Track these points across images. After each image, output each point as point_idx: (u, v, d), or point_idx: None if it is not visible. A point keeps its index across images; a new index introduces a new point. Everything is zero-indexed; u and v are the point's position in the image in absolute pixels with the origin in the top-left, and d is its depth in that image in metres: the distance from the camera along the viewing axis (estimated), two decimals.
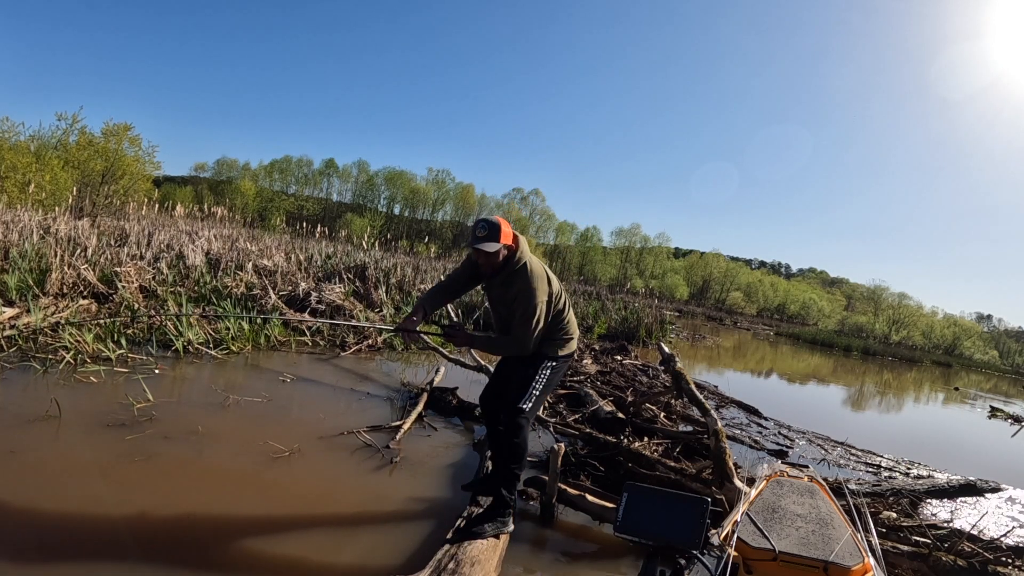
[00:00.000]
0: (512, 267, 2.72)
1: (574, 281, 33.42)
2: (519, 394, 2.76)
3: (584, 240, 61.27)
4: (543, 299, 2.70)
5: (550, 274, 2.84)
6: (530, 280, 2.69)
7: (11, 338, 4.88)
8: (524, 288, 2.68)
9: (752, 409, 7.41)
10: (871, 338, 45.67)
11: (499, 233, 2.65)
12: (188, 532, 2.58)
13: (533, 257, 2.78)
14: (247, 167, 58.22)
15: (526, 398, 2.75)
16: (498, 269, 2.75)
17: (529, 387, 2.76)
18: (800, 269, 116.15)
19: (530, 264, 2.73)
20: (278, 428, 3.97)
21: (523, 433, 2.77)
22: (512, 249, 2.73)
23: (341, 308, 8.31)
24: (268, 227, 31.74)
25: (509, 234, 2.70)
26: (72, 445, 3.24)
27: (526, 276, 2.70)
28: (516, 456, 2.78)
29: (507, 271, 2.73)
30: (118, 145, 18.87)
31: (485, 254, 2.69)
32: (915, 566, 2.98)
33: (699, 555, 1.60)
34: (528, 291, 2.67)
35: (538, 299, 2.68)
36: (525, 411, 2.74)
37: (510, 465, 2.79)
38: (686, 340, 18.60)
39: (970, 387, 20.91)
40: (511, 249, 2.73)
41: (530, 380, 2.77)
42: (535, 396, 2.78)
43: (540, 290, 2.69)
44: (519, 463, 2.80)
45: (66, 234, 8.36)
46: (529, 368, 2.80)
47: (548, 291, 2.75)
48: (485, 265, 2.75)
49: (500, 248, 2.66)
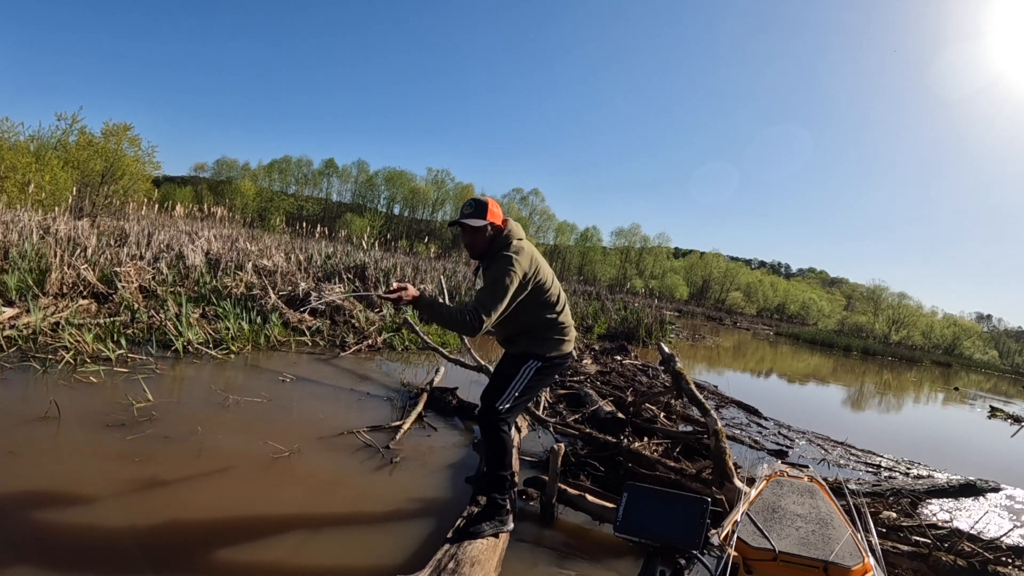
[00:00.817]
0: (498, 247, 2.54)
1: (574, 281, 33.42)
2: (496, 394, 2.62)
3: (584, 240, 61.30)
4: (516, 277, 2.43)
5: (540, 261, 2.62)
6: (509, 255, 2.46)
7: (11, 338, 4.88)
8: (499, 260, 2.46)
9: (752, 409, 7.42)
10: (871, 338, 45.71)
11: (486, 211, 2.50)
12: (188, 532, 2.58)
13: (527, 242, 2.59)
14: (247, 167, 58.30)
15: (504, 399, 2.59)
16: (484, 251, 2.58)
17: (508, 387, 2.59)
18: (800, 269, 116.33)
19: (518, 245, 2.53)
20: (278, 428, 3.97)
21: (499, 435, 2.62)
22: (499, 228, 2.56)
23: (341, 308, 8.31)
24: (268, 227, 31.76)
25: (498, 215, 2.55)
26: (72, 445, 3.24)
27: (507, 252, 2.49)
28: (495, 459, 2.66)
29: (493, 251, 2.55)
30: (118, 145, 18.87)
31: (471, 230, 2.52)
32: (915, 566, 2.98)
33: (699, 555, 1.60)
34: (501, 261, 2.44)
35: (511, 273, 2.40)
36: (501, 412, 2.58)
37: (493, 469, 2.69)
38: (686, 340, 18.60)
39: (970, 387, 20.91)
40: (498, 229, 2.56)
41: (510, 379, 2.60)
42: (514, 397, 2.60)
43: (518, 264, 2.44)
44: (501, 465, 2.67)
45: (66, 234, 8.36)
46: (512, 367, 2.64)
47: (527, 272, 2.50)
48: (471, 245, 2.58)
49: (486, 225, 2.50)
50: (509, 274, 2.42)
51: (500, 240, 2.56)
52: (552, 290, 2.66)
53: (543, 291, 2.61)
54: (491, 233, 2.56)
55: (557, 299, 2.69)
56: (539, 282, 2.59)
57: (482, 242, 2.57)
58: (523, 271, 2.49)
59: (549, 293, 2.64)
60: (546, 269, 2.66)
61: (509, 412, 2.63)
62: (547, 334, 2.67)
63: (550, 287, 2.65)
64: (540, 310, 2.63)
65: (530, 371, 2.63)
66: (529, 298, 2.58)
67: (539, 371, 2.66)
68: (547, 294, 2.63)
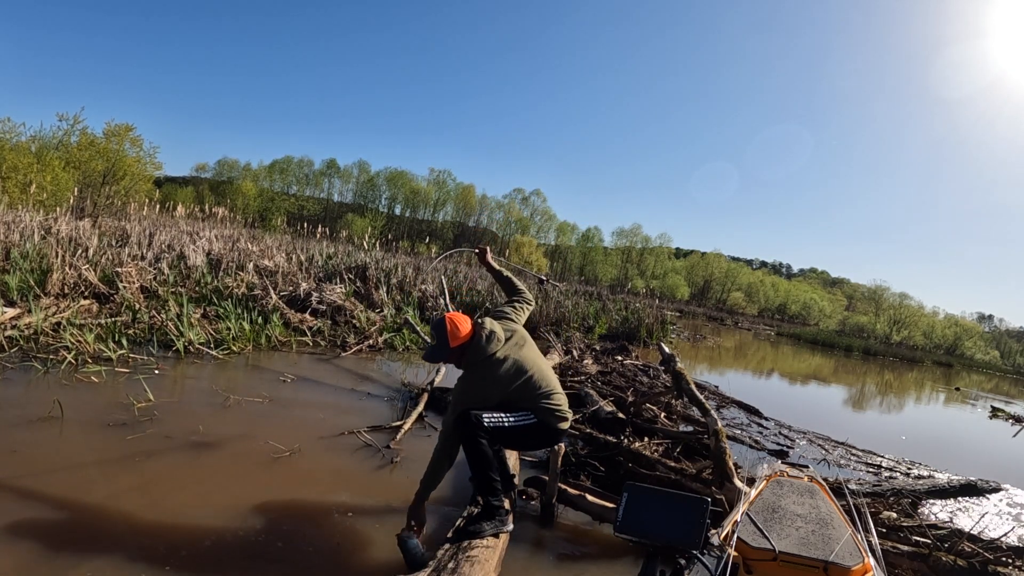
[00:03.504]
0: (474, 358, 2.68)
1: (575, 281, 33.39)
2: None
3: (585, 240, 61.29)
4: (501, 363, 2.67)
5: (519, 356, 2.72)
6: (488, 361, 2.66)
7: (12, 338, 4.89)
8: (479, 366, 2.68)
9: (752, 409, 7.41)
10: (872, 338, 45.69)
11: (446, 338, 2.62)
12: (188, 532, 2.58)
13: (497, 345, 2.68)
14: (248, 167, 58.37)
15: (491, 417, 2.64)
16: (466, 360, 2.71)
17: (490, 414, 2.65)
18: (801, 269, 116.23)
19: (490, 352, 2.66)
20: (278, 428, 3.98)
21: (475, 441, 2.62)
22: (465, 344, 2.66)
23: (342, 308, 8.31)
24: (269, 227, 31.75)
25: (459, 334, 2.63)
26: (73, 445, 3.24)
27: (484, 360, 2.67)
28: (477, 464, 2.64)
29: (474, 360, 2.68)
30: (119, 146, 18.94)
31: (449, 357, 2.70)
32: (915, 566, 2.98)
33: (699, 555, 1.60)
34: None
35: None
36: (473, 422, 2.60)
37: (478, 474, 2.67)
38: (687, 340, 18.59)
39: (971, 387, 20.89)
40: (464, 345, 2.66)
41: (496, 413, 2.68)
42: (499, 424, 2.66)
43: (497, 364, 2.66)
44: (484, 469, 2.64)
45: (67, 234, 8.38)
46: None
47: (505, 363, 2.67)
48: (456, 365, 2.77)
49: (454, 351, 2.64)
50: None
51: (472, 349, 2.67)
52: (509, 370, 2.70)
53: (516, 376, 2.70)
54: (460, 351, 2.68)
55: (532, 382, 2.73)
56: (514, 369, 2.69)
57: (459, 359, 2.71)
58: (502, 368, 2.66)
59: (502, 373, 2.69)
60: (522, 359, 2.73)
61: (488, 428, 2.65)
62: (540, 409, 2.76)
63: (522, 376, 2.71)
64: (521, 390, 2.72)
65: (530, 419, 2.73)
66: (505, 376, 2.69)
67: (532, 424, 2.74)
68: (504, 375, 2.68)
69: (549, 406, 2.78)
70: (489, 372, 2.66)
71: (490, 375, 2.66)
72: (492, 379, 2.67)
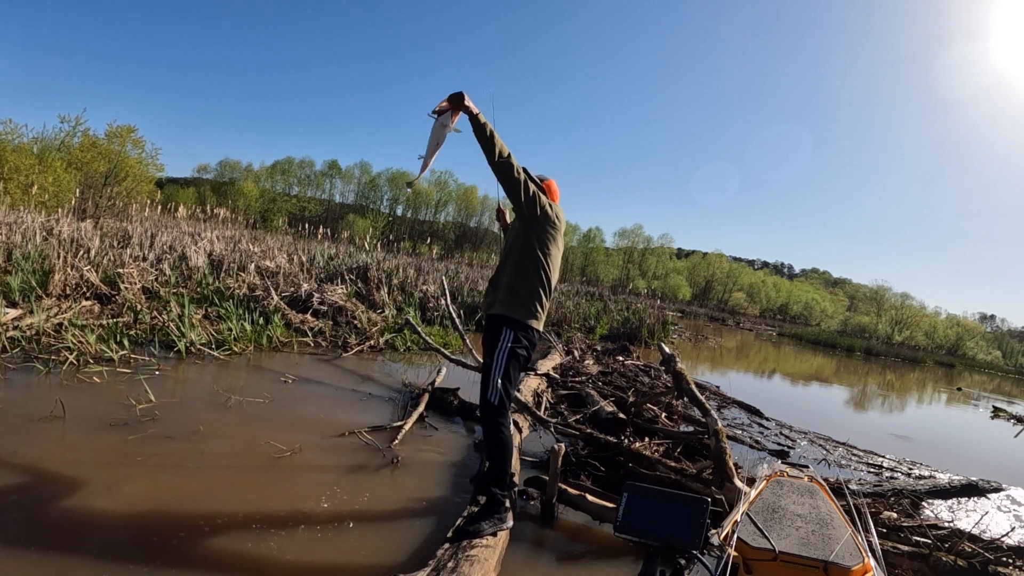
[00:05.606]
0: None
1: (576, 281, 33.39)
2: (484, 386, 2.81)
3: (587, 241, 61.25)
4: (545, 201, 2.83)
5: (560, 238, 2.93)
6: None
7: (14, 339, 4.90)
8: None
9: (753, 409, 7.41)
10: (874, 339, 45.58)
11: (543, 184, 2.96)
12: (189, 531, 2.59)
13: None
14: (249, 168, 58.46)
15: (491, 389, 2.77)
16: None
17: (491, 374, 2.78)
18: (803, 269, 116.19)
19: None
20: (279, 428, 3.98)
21: (499, 434, 2.78)
22: (549, 201, 2.89)
23: (343, 309, 8.32)
24: (270, 228, 31.82)
25: (553, 189, 3.03)
26: (75, 445, 3.25)
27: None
28: (497, 454, 2.81)
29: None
30: (121, 147, 18.96)
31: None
32: (915, 566, 2.98)
33: (699, 555, 1.60)
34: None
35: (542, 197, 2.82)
36: (494, 404, 2.75)
37: (495, 464, 2.83)
38: (688, 341, 18.58)
39: (973, 387, 20.84)
40: (549, 202, 2.90)
41: (489, 369, 2.80)
42: (498, 383, 2.77)
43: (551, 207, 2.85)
44: (502, 460, 2.82)
45: (69, 235, 8.40)
46: (491, 343, 2.84)
47: (553, 218, 2.84)
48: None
49: (541, 191, 2.85)
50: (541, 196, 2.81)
51: (555, 211, 2.90)
52: (554, 265, 2.88)
53: (548, 254, 2.84)
54: (545, 201, 2.85)
55: (552, 275, 2.89)
56: (552, 240, 2.85)
57: (535, 206, 2.84)
58: (553, 211, 2.84)
59: (552, 263, 2.86)
60: (560, 247, 2.92)
61: (500, 400, 2.77)
62: (529, 301, 2.82)
63: (553, 261, 2.87)
64: (538, 269, 2.82)
65: (506, 343, 2.78)
66: (539, 239, 2.81)
67: (514, 342, 2.79)
68: (550, 259, 2.85)
69: (544, 303, 2.88)
70: (557, 247, 2.88)
71: (558, 250, 2.89)
72: (559, 253, 2.90)
